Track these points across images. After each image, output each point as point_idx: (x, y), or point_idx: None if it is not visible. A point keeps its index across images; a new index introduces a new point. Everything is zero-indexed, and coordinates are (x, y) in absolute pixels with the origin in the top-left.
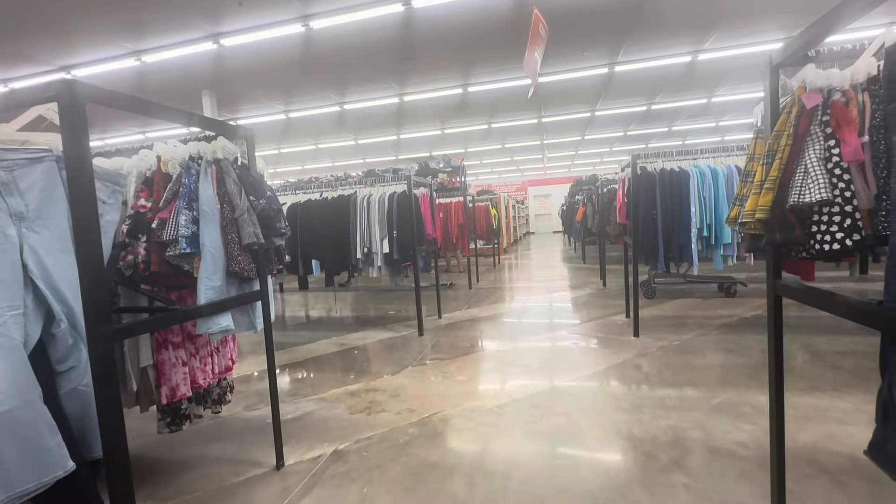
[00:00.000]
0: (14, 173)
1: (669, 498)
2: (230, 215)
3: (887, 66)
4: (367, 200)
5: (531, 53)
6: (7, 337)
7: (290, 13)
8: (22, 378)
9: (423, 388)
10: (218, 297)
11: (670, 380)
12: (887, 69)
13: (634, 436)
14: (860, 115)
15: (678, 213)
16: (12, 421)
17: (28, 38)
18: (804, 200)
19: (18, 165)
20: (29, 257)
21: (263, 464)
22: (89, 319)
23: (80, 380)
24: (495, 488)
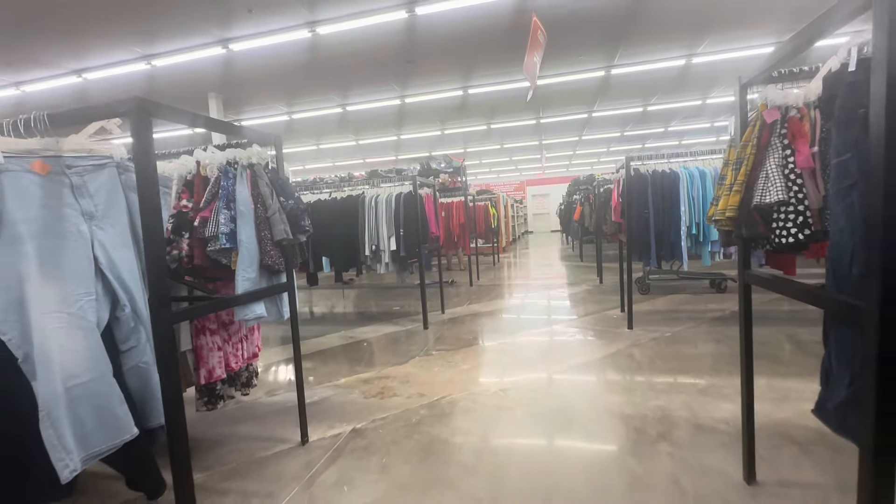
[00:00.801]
0: (84, 178)
1: (655, 464)
2: (263, 214)
3: (824, 91)
4: (375, 200)
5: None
6: (84, 319)
7: (297, 20)
8: (97, 355)
9: (430, 375)
10: (253, 287)
11: (661, 367)
12: (824, 94)
13: (626, 414)
14: (812, 128)
15: (669, 212)
16: (90, 391)
17: (42, 44)
18: (765, 201)
19: (87, 171)
20: (98, 251)
21: (289, 440)
22: (154, 305)
23: (140, 357)
24: (499, 459)
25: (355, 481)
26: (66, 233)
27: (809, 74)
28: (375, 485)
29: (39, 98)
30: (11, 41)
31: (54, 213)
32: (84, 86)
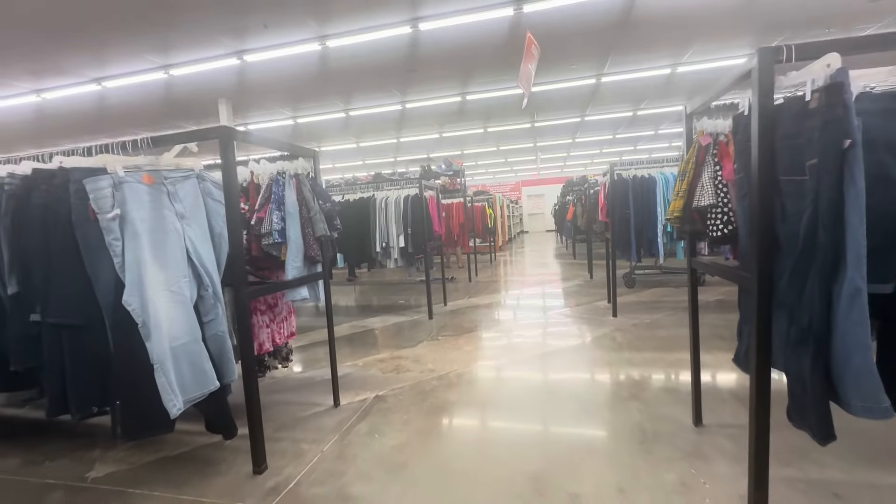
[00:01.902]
0: (176, 186)
1: (625, 415)
2: (307, 214)
3: (733, 127)
4: (385, 202)
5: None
6: (182, 295)
7: (308, 34)
8: (191, 323)
9: (438, 355)
10: (299, 275)
11: (638, 346)
12: (733, 128)
13: (604, 381)
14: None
15: (647, 212)
16: (187, 350)
17: (65, 54)
18: (701, 204)
19: (178, 181)
20: (188, 244)
21: (323, 404)
22: (237, 284)
23: (218, 328)
24: (501, 417)
25: (383, 431)
26: (167, 229)
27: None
28: (400, 433)
29: (59, 105)
30: (38, 51)
31: (158, 214)
32: (102, 93)
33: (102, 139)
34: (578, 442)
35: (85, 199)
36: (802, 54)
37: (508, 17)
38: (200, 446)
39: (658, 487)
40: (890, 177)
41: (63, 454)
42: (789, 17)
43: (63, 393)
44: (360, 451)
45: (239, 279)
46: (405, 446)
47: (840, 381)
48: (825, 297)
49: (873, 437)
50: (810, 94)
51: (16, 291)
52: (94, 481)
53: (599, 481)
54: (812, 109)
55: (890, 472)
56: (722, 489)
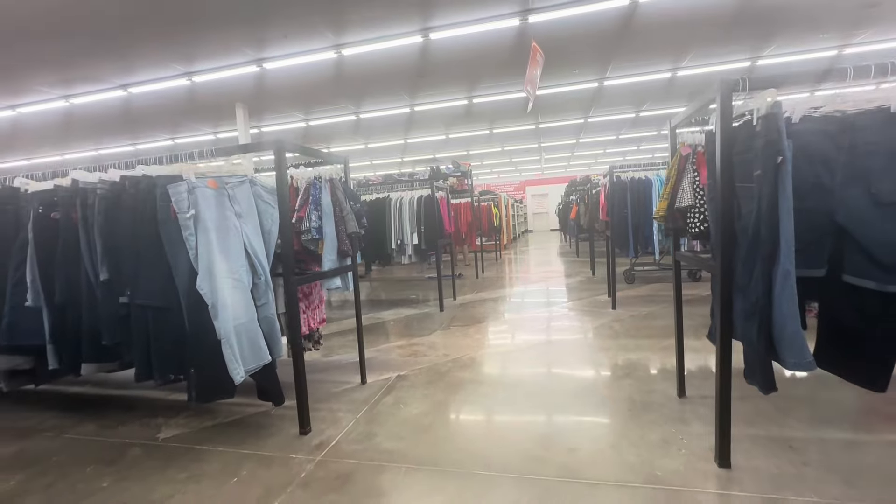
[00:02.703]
0: (234, 190)
1: (618, 389)
2: (340, 214)
3: (705, 140)
4: (400, 202)
5: (530, 76)
6: (242, 282)
7: (325, 43)
8: (249, 305)
9: (451, 342)
10: (333, 266)
11: (633, 334)
12: (705, 142)
13: (602, 363)
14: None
15: (643, 212)
16: (246, 328)
17: (95, 62)
18: (681, 205)
19: (235, 186)
20: (245, 239)
21: (352, 382)
22: (287, 273)
23: (269, 311)
24: (509, 391)
25: (407, 402)
26: (229, 226)
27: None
28: (422, 403)
29: (86, 110)
30: (71, 61)
31: (221, 213)
32: (127, 98)
33: (123, 142)
34: (577, 411)
35: (167, 201)
36: (755, 85)
37: (515, 27)
38: (250, 415)
39: (643, 444)
40: (823, 184)
41: (131, 421)
42: (784, 23)
43: (148, 362)
44: (388, 418)
45: (288, 269)
46: (427, 414)
47: (779, 344)
48: (767, 279)
49: (826, 404)
50: (756, 120)
51: (106, 278)
52: (164, 441)
53: (594, 440)
54: (757, 132)
55: (837, 429)
56: (696, 443)
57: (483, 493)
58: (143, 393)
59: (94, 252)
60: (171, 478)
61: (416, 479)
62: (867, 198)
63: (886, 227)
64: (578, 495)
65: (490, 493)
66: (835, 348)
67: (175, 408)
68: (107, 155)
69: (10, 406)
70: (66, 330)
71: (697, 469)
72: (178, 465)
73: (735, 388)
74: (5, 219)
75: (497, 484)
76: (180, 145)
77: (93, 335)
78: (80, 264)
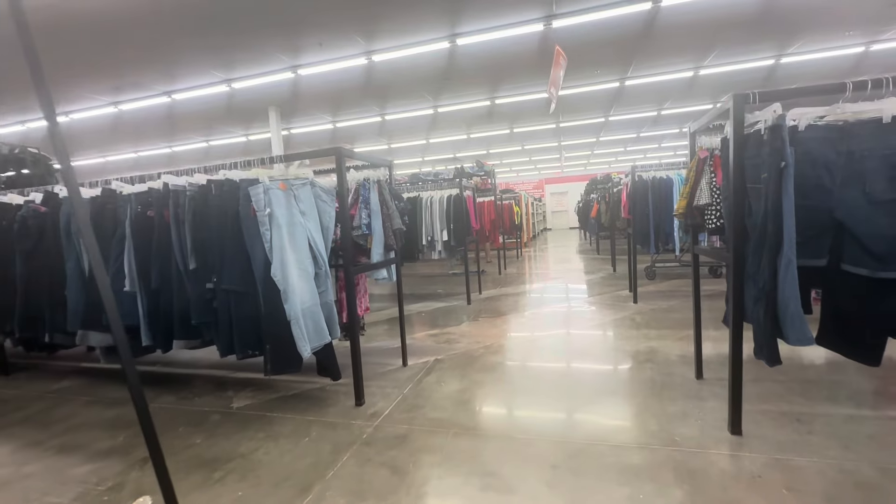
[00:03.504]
0: (298, 191)
1: (640, 373)
2: (386, 212)
3: (721, 146)
4: (430, 200)
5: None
6: (307, 272)
7: (357, 50)
8: (313, 292)
9: (481, 331)
10: (380, 259)
11: (654, 326)
12: (721, 147)
13: (624, 350)
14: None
15: (665, 210)
16: (311, 312)
17: (141, 70)
18: (699, 203)
19: (299, 187)
20: (308, 234)
21: (394, 364)
22: (346, 263)
23: (327, 298)
24: (538, 373)
25: (447, 381)
26: (296, 223)
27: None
28: (460, 381)
29: (132, 116)
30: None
31: (290, 211)
32: (170, 104)
33: (161, 144)
34: (602, 389)
35: (248, 201)
36: (764, 98)
37: (539, 32)
38: (307, 389)
39: (663, 415)
40: (825, 186)
41: (205, 394)
42: (809, 21)
43: (230, 340)
44: (431, 394)
45: (348, 260)
46: (466, 390)
47: (783, 323)
48: (772, 267)
49: (834, 386)
50: (763, 129)
51: (195, 267)
52: (238, 409)
53: (619, 412)
54: (765, 140)
55: (842, 406)
56: (711, 416)
57: (522, 450)
58: (208, 371)
59: (184, 244)
60: (252, 437)
61: (462, 440)
62: (862, 197)
63: (878, 222)
64: (605, 454)
65: (528, 450)
66: (835, 329)
67: (241, 383)
68: (145, 157)
69: (100, 383)
70: (159, 312)
71: (711, 436)
72: (255, 427)
73: (749, 372)
74: (105, 215)
75: (533, 444)
76: (214, 147)
77: (183, 316)
78: (171, 255)
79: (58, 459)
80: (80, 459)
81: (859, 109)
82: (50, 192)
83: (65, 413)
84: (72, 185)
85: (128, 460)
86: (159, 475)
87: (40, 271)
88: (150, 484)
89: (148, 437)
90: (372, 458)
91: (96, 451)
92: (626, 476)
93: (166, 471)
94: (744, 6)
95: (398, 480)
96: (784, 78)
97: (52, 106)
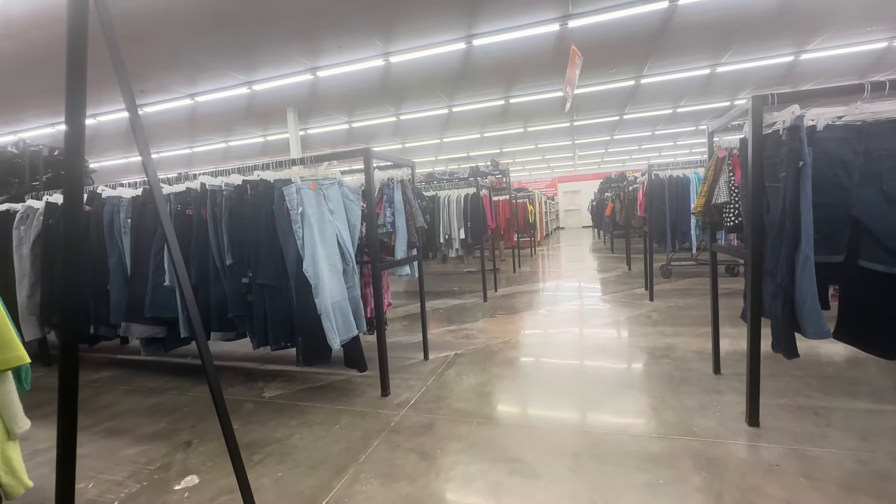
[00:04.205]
0: (327, 191)
1: (658, 368)
2: (409, 210)
3: (740, 146)
4: (448, 199)
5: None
6: (336, 267)
7: (375, 51)
8: (342, 287)
9: (498, 327)
10: (403, 256)
11: (671, 322)
12: (739, 147)
13: (641, 346)
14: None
15: (681, 208)
16: (340, 305)
17: (166, 74)
18: (718, 201)
19: (327, 187)
20: (337, 232)
21: (416, 358)
22: (373, 260)
23: (355, 292)
24: (557, 367)
25: (467, 374)
26: (325, 221)
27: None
28: (480, 375)
29: (156, 118)
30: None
31: (320, 210)
32: (193, 106)
33: (181, 145)
34: (621, 383)
35: (282, 200)
36: (783, 99)
37: (555, 32)
38: (334, 381)
39: (682, 408)
40: (842, 185)
41: (237, 384)
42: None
43: (265, 332)
44: (453, 386)
45: (375, 256)
46: (487, 383)
47: (800, 317)
48: (790, 263)
49: (853, 381)
50: (782, 130)
51: (231, 262)
52: (270, 398)
53: (637, 405)
54: (783, 140)
55: (861, 401)
56: (729, 409)
57: (544, 439)
58: (238, 364)
59: (221, 241)
60: (286, 423)
61: (486, 429)
62: (880, 195)
63: (895, 220)
64: (624, 443)
65: (550, 439)
66: (853, 323)
67: (270, 375)
68: (167, 157)
69: (137, 373)
70: (198, 305)
71: (729, 427)
72: (288, 415)
73: (766, 367)
74: (147, 214)
75: (555, 434)
76: (233, 147)
77: (220, 309)
78: (209, 251)
79: (108, 442)
80: (127, 442)
81: (877, 109)
82: (93, 191)
83: (107, 400)
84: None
85: (172, 443)
86: (232, 456)
87: (84, 267)
88: (194, 465)
89: (223, 423)
90: (401, 444)
91: (142, 435)
92: (646, 463)
93: (241, 459)
94: (761, 3)
95: (427, 465)
96: (802, 75)
97: (133, 103)
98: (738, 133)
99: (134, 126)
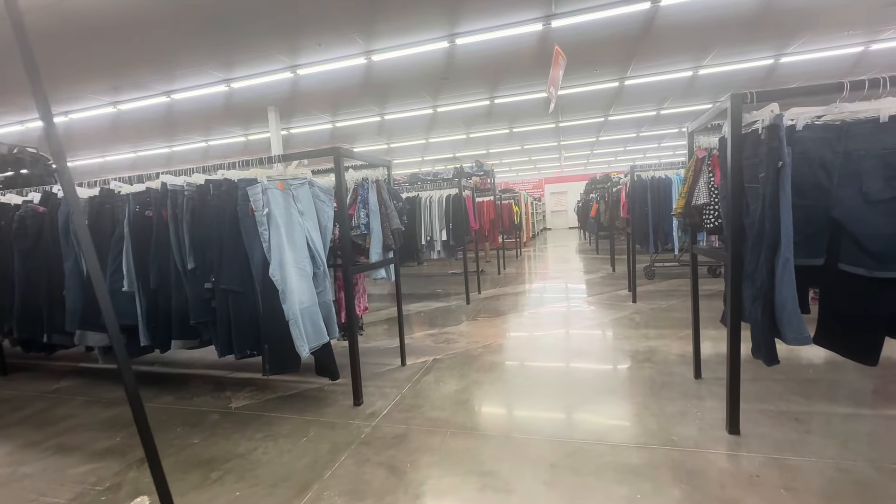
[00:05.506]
0: (297, 191)
1: (639, 372)
2: (385, 211)
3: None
4: (429, 200)
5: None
6: (305, 271)
7: (356, 49)
8: (312, 291)
9: (480, 331)
10: (379, 259)
11: (653, 325)
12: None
13: (623, 350)
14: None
15: (664, 209)
16: (309, 311)
17: (140, 70)
18: (698, 202)
19: (297, 187)
20: (307, 233)
21: (393, 364)
22: (346, 264)
23: (325, 297)
24: (537, 372)
25: (445, 381)
26: (294, 222)
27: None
28: (458, 382)
29: (131, 115)
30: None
31: (288, 211)
32: (170, 104)
33: (160, 144)
34: (601, 389)
35: (246, 201)
36: (762, 98)
37: (538, 32)
38: (305, 389)
39: (662, 415)
40: (822, 185)
41: (203, 394)
42: (809, 20)
43: (229, 340)
44: (430, 393)
45: (347, 259)
46: (465, 390)
47: (780, 322)
48: (770, 266)
49: (833, 386)
50: (761, 129)
51: (193, 267)
52: (236, 409)
53: (618, 411)
54: (762, 139)
55: (841, 406)
56: (710, 416)
57: (520, 450)
58: (206, 371)
59: (182, 244)
60: (251, 437)
61: (461, 440)
62: (860, 196)
63: (875, 222)
64: (603, 453)
65: (526, 450)
66: (833, 328)
67: (239, 383)
68: (144, 157)
69: (97, 383)
70: (158, 311)
71: (709, 435)
72: (253, 427)
73: (747, 371)
74: (104, 215)
75: (531, 444)
76: (213, 147)
77: (181, 315)
78: (170, 255)
79: (56, 460)
80: (77, 460)
81: (857, 109)
82: (48, 191)
83: (63, 413)
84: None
85: (125, 460)
86: (155, 476)
87: (38, 271)
88: (147, 484)
89: (144, 438)
90: (370, 457)
91: (94, 451)
92: (625, 475)
93: (162, 471)
94: (743, 6)
95: (396, 480)
96: (783, 77)
97: (47, 106)
98: (719, 133)
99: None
